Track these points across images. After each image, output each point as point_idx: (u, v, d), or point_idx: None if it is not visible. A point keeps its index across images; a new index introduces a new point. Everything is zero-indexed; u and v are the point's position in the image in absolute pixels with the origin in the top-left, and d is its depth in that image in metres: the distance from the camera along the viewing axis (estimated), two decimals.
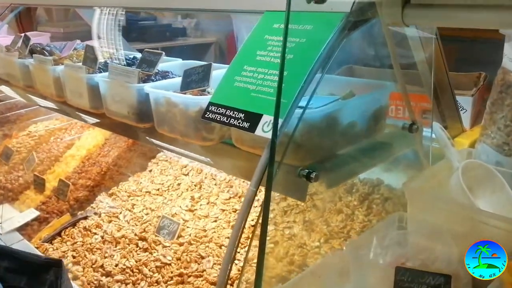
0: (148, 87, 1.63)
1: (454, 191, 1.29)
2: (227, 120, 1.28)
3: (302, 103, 1.22)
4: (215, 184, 2.30)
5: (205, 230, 2.00)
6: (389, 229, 1.33)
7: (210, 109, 1.33)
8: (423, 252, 1.21)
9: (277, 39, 1.34)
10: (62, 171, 2.55)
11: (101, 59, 2.10)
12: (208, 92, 1.57)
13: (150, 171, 2.53)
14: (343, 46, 1.25)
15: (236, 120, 1.26)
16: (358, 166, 1.52)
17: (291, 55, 1.27)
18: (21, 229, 2.29)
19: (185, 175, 2.42)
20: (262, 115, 1.21)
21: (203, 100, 1.45)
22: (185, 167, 2.46)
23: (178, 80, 1.71)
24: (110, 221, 2.21)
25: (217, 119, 1.30)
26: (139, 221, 2.15)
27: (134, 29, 5.50)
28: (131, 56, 2.18)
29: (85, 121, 2.02)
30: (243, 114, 1.25)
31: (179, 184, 2.37)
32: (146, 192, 2.37)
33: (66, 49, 2.29)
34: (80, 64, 1.97)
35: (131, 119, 1.73)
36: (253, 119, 1.22)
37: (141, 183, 2.44)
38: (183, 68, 1.64)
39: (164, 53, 1.77)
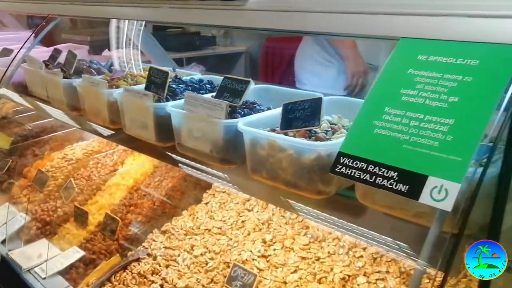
0: (241, 124, 1.35)
1: None
2: (371, 178, 1.00)
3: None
4: (286, 223, 2.02)
5: (285, 283, 1.72)
6: None
7: (342, 161, 1.05)
8: None
9: (428, 75, 1.06)
10: (106, 202, 2.28)
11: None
12: (316, 132, 1.30)
13: (207, 204, 2.26)
14: None
15: (385, 180, 0.99)
16: None
17: (455, 98, 1.00)
18: (65, 272, 2.02)
19: (249, 210, 2.14)
20: (427, 176, 0.94)
21: (322, 147, 1.18)
22: (248, 200, 2.18)
23: (272, 114, 1.44)
24: (167, 266, 1.94)
25: (355, 175, 1.03)
26: (202, 267, 1.88)
27: (160, 37, 5.24)
28: (197, 79, 1.91)
29: (150, 155, 1.75)
30: (396, 173, 0.98)
31: (243, 222, 2.09)
32: (206, 230, 2.09)
33: (118, 71, 2.02)
34: (142, 88, 1.70)
35: (214, 159, 1.46)
36: (413, 180, 0.95)
37: (198, 218, 2.16)
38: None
39: (252, 81, 1.49)
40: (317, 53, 3.33)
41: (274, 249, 1.89)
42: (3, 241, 2.30)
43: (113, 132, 1.91)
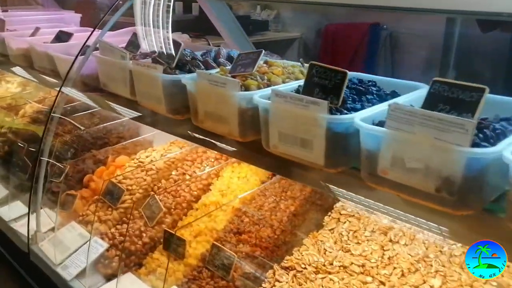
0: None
1: None
2: None
3: None
4: (451, 261, 1.58)
5: None
6: None
7: None
8: None
9: None
10: (205, 227, 1.83)
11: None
12: None
13: (332, 230, 1.81)
14: None
15: None
16: None
17: None
18: None
19: (394, 242, 1.69)
20: None
21: None
22: (389, 229, 1.74)
23: None
24: None
25: None
26: None
27: (205, 20, 4.74)
28: (355, 79, 1.44)
29: (315, 186, 1.30)
30: None
31: (390, 258, 1.64)
32: (341, 266, 1.65)
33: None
34: (306, 96, 1.23)
35: (443, 201, 1.01)
36: None
37: (327, 250, 1.72)
38: None
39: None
40: None
41: None
42: (79, 274, 1.86)
43: (240, 147, 1.45)
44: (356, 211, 1.86)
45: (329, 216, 1.87)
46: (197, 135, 1.58)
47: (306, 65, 1.70)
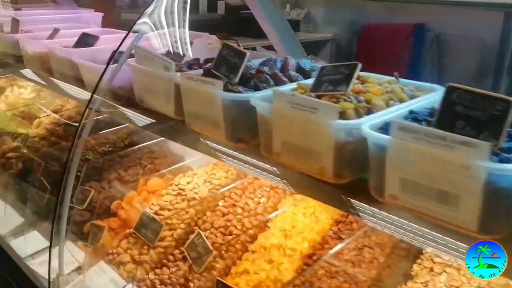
0: None
1: None
2: None
3: None
4: None
5: None
6: None
7: None
8: None
9: None
10: (267, 277, 1.49)
11: None
12: None
13: (425, 284, 1.46)
14: None
15: None
16: None
17: None
18: None
19: None
20: None
21: None
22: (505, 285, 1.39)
23: None
24: None
25: None
26: None
27: (232, 20, 4.41)
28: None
29: None
30: None
31: None
32: None
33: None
34: (451, 134, 0.89)
35: None
36: None
37: None
38: None
39: None
40: None
41: None
42: None
43: (336, 191, 1.10)
44: (453, 259, 1.51)
45: (419, 264, 1.52)
46: (268, 166, 1.24)
47: (405, 80, 1.37)
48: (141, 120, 1.68)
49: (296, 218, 1.64)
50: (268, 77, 1.34)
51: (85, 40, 2.05)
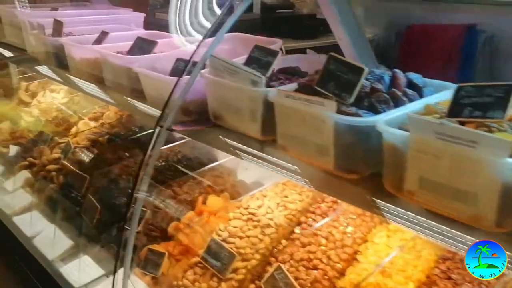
0: None
1: None
2: None
3: None
4: None
5: None
6: None
7: None
8: None
9: None
10: None
11: None
12: None
13: None
14: None
15: None
16: None
17: None
18: None
19: None
20: None
21: None
22: None
23: None
24: None
25: None
26: None
27: (268, 20, 4.20)
28: None
29: None
30: None
31: None
32: None
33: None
34: None
35: None
36: None
37: None
38: None
39: None
40: None
41: None
42: None
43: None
44: None
45: None
46: (399, 209, 1.05)
47: None
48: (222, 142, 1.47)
49: (392, 252, 1.44)
50: (388, 96, 1.14)
51: (142, 46, 1.86)
